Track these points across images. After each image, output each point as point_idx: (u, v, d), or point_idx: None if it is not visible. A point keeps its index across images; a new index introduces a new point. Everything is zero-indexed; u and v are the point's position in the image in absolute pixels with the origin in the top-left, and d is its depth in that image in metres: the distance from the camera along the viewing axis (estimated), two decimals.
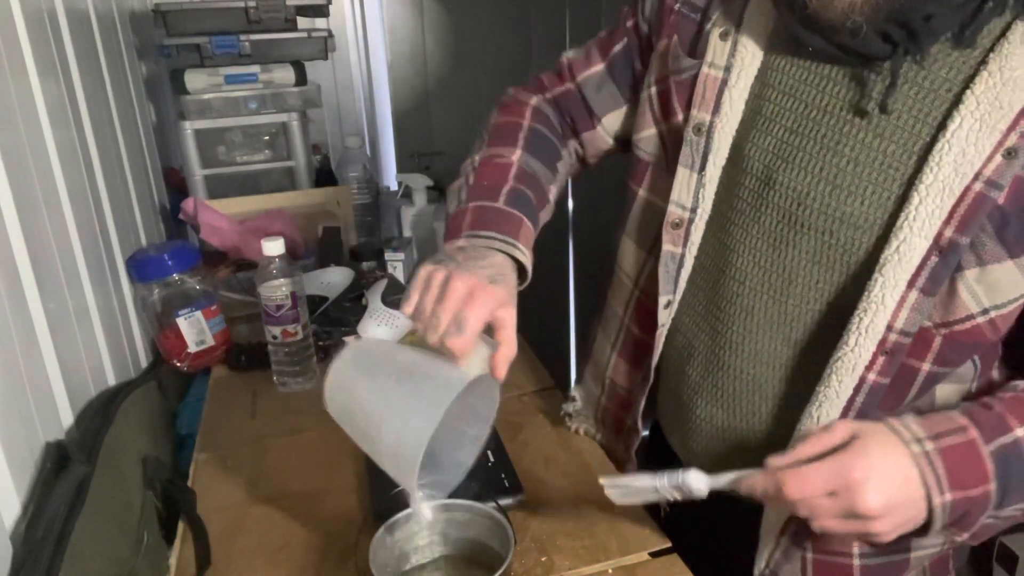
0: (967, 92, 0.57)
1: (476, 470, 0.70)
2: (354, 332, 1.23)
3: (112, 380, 0.97)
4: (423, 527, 0.71)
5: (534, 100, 0.87)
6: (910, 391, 0.66)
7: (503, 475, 0.84)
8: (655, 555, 0.75)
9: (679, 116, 0.73)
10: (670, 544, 0.76)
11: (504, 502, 0.78)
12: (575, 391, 0.98)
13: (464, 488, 0.70)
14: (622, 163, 0.88)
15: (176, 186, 1.65)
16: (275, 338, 1.07)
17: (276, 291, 1.05)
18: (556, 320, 2.85)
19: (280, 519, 0.83)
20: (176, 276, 1.16)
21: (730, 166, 0.71)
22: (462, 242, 0.71)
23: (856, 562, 0.72)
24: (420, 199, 1.72)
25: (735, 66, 0.69)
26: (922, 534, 0.59)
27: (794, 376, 0.70)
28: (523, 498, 0.82)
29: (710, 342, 0.75)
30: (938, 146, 0.58)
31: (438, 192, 1.99)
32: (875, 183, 0.62)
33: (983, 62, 0.57)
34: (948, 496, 0.56)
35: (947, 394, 0.68)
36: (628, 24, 0.82)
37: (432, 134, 2.48)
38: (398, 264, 1.47)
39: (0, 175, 0.71)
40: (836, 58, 0.63)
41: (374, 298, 1.24)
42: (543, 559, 0.75)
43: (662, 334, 0.78)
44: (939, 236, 0.59)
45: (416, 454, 0.58)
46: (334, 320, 1.25)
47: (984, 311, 0.61)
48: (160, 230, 1.45)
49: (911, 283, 0.60)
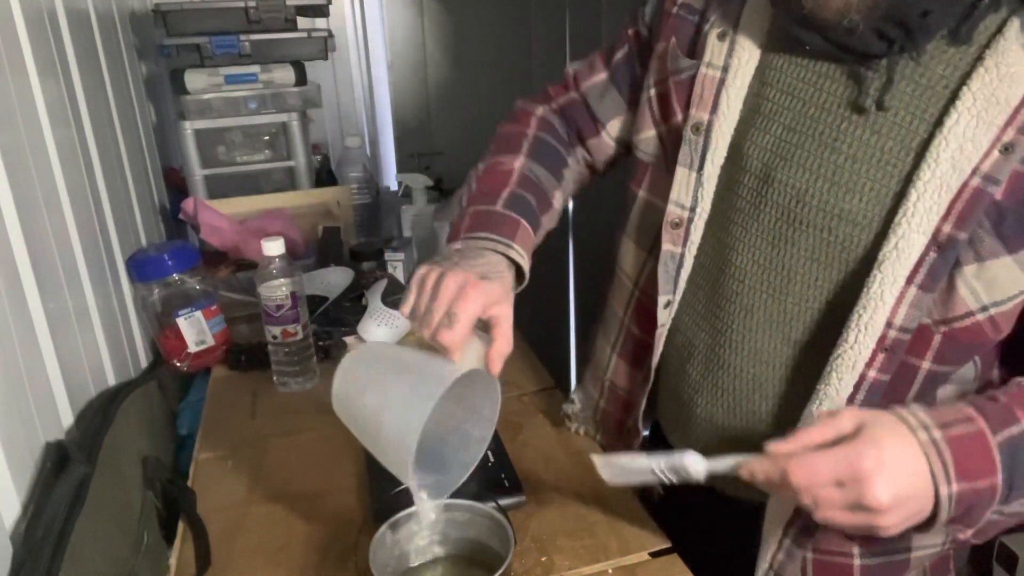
0: (964, 88, 0.58)
1: (476, 470, 0.70)
2: (354, 332, 1.23)
3: (112, 380, 0.97)
4: (423, 527, 0.71)
5: (540, 110, 0.89)
6: (910, 390, 0.66)
7: (503, 475, 0.84)
8: (655, 555, 0.75)
9: (678, 116, 0.74)
10: (670, 544, 0.77)
11: (504, 502, 0.78)
12: (574, 394, 0.98)
13: (464, 488, 0.70)
14: (622, 165, 0.89)
15: (176, 186, 1.65)
16: (275, 338, 1.07)
17: (276, 291, 1.05)
18: (556, 320, 2.85)
19: (280, 519, 0.83)
20: (176, 276, 1.16)
21: (729, 165, 0.71)
22: (459, 245, 0.74)
23: (856, 562, 0.72)
24: (420, 199, 1.72)
25: (732, 66, 0.70)
26: (926, 529, 0.58)
27: (794, 375, 0.70)
28: (523, 498, 0.82)
29: (710, 341, 0.75)
30: (935, 142, 0.58)
31: (438, 192, 1.99)
32: (873, 180, 0.62)
33: (979, 58, 0.58)
34: (955, 487, 0.54)
35: (948, 396, 0.68)
36: (629, 32, 0.84)
37: (432, 134, 2.48)
38: (398, 264, 1.47)
39: (0, 175, 0.71)
40: (833, 56, 0.64)
41: (374, 298, 1.24)
42: (543, 559, 0.75)
43: (662, 334, 0.78)
44: (937, 232, 0.59)
45: (409, 446, 0.59)
46: (334, 320, 1.25)
47: (984, 308, 0.61)
48: (160, 230, 1.45)
49: (910, 279, 0.60)
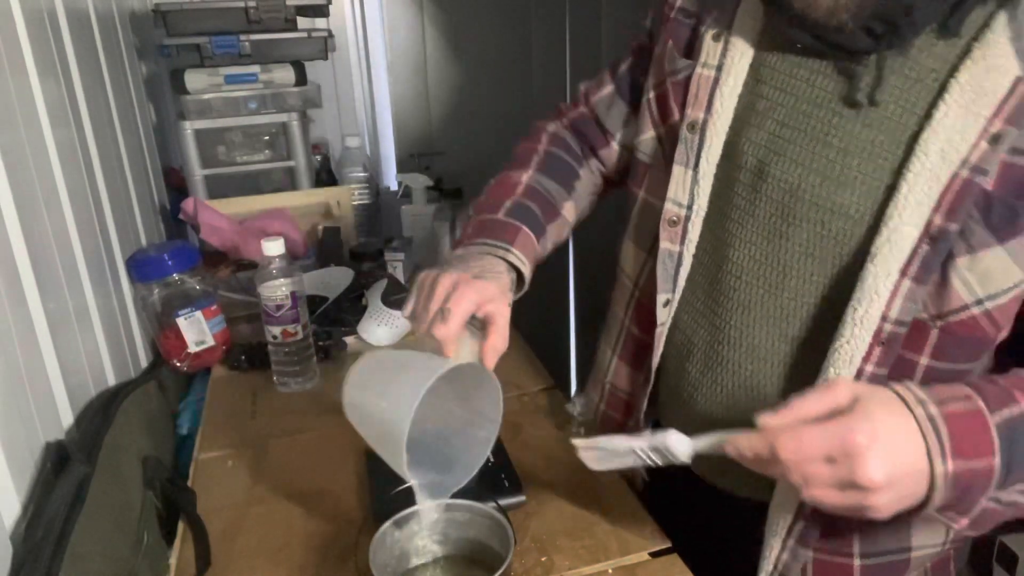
0: (952, 80, 0.58)
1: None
2: (354, 332, 1.23)
3: (112, 380, 0.97)
4: (423, 527, 0.71)
5: (552, 127, 0.93)
6: None
7: (503, 475, 0.84)
8: (655, 555, 0.75)
9: (675, 116, 0.75)
10: (670, 544, 0.77)
11: (504, 502, 0.78)
12: (576, 398, 0.99)
13: (464, 488, 0.70)
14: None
15: (176, 186, 1.65)
16: (275, 338, 1.07)
17: (276, 291, 1.05)
18: (556, 320, 2.85)
19: (280, 519, 0.83)
20: (176, 276, 1.16)
21: (725, 162, 0.72)
22: (460, 251, 0.76)
23: (856, 562, 0.72)
24: (420, 199, 1.73)
25: (726, 65, 0.71)
26: (918, 512, 0.55)
27: (792, 371, 0.71)
28: (523, 498, 0.82)
29: (709, 338, 0.76)
30: (925, 135, 0.59)
31: (438, 192, 1.99)
32: (865, 173, 0.63)
33: (967, 51, 0.59)
34: (951, 465, 0.52)
35: None
36: (634, 44, 0.86)
37: (432, 134, 2.48)
38: (398, 264, 1.47)
39: (0, 175, 0.71)
40: (824, 53, 0.65)
41: (374, 298, 1.24)
42: (543, 559, 0.75)
43: (662, 333, 0.79)
44: (929, 224, 0.59)
45: (401, 433, 0.61)
46: (334, 320, 1.25)
47: (978, 301, 0.61)
48: (160, 230, 1.45)
49: (903, 272, 0.61)
